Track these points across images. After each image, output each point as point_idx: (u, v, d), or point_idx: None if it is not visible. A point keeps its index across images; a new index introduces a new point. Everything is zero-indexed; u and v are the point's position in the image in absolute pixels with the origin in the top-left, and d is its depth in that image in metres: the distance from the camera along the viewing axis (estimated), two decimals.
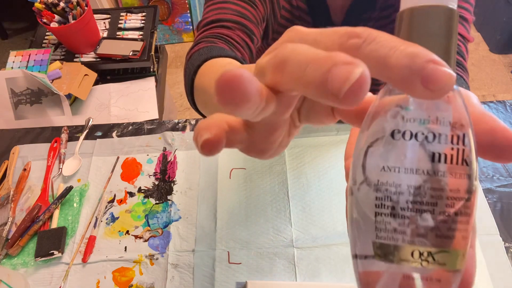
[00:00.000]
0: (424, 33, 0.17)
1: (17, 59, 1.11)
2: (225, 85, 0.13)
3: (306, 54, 0.15)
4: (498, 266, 0.60)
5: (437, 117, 0.16)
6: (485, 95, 1.86)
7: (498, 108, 0.78)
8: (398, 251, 0.16)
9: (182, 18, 2.08)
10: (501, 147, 0.16)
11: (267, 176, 0.71)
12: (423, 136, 0.16)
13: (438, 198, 0.16)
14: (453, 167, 0.16)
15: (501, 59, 2.01)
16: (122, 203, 0.70)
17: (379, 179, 0.16)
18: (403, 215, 0.16)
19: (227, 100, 0.14)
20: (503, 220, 0.64)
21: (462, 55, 0.53)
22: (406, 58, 0.14)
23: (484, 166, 0.70)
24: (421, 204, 0.16)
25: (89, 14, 1.08)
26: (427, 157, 0.16)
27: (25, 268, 0.63)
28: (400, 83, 0.14)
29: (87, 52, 1.15)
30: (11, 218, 0.68)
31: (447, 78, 0.13)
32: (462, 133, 0.16)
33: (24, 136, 0.81)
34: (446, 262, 0.16)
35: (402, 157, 0.16)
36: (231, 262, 0.62)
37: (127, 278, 0.62)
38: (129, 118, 1.05)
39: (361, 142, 0.17)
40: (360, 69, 0.13)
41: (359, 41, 0.15)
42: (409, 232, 0.16)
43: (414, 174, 0.16)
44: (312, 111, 0.21)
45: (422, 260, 0.16)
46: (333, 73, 0.13)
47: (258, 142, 0.20)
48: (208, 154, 0.17)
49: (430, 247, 0.16)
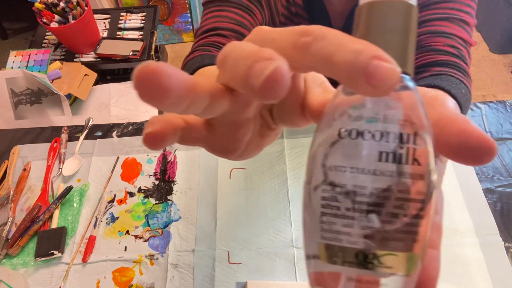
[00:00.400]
0: (381, 29, 0.16)
1: (17, 59, 1.11)
2: (142, 78, 0.13)
3: (240, 51, 0.15)
4: (498, 266, 0.59)
5: (385, 115, 0.15)
6: (485, 95, 1.86)
7: (498, 108, 0.78)
8: (343, 252, 0.15)
9: (182, 18, 2.08)
10: (471, 149, 0.15)
11: (267, 176, 0.71)
12: (370, 134, 0.15)
13: (385, 199, 0.15)
14: (402, 167, 0.15)
15: (501, 59, 2.01)
16: (122, 203, 0.70)
17: (326, 179, 0.16)
18: (348, 215, 0.15)
19: (145, 94, 0.13)
20: (503, 220, 0.64)
21: (464, 60, 0.53)
22: (351, 54, 0.13)
23: (484, 166, 0.70)
24: (367, 205, 0.15)
25: (89, 14, 1.08)
26: (374, 156, 0.15)
27: (25, 268, 0.63)
28: (346, 80, 0.14)
29: (87, 52, 1.15)
30: (11, 218, 0.68)
31: (390, 74, 0.13)
32: (413, 132, 0.15)
33: (24, 136, 0.81)
34: (393, 266, 0.15)
35: (348, 156, 0.15)
36: (231, 262, 0.62)
37: (127, 278, 0.62)
38: (129, 118, 1.05)
39: (313, 141, 0.17)
40: (275, 64, 0.13)
41: (309, 39, 0.15)
42: (354, 233, 0.15)
43: (360, 173, 0.15)
44: (283, 112, 0.21)
45: (367, 262, 0.15)
46: (253, 68, 0.13)
47: (220, 141, 0.20)
48: (151, 147, 0.17)
49: (376, 250, 0.15)
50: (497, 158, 0.71)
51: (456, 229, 0.63)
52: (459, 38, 0.53)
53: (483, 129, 0.76)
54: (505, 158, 0.71)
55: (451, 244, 0.62)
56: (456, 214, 0.65)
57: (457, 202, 0.66)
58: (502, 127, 0.76)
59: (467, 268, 0.60)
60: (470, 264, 0.60)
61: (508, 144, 0.73)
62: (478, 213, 0.64)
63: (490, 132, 0.75)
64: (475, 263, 0.60)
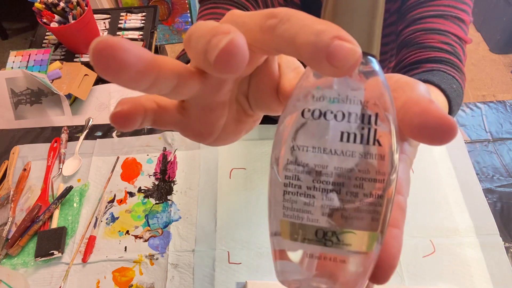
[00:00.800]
0: (347, 10, 0.16)
1: (17, 59, 1.11)
2: (98, 51, 0.13)
3: (201, 29, 0.15)
4: (498, 266, 0.60)
5: (347, 96, 0.16)
6: (485, 95, 1.86)
7: (498, 108, 0.78)
8: (304, 230, 0.16)
9: (182, 18, 2.08)
10: (431, 128, 0.15)
11: (267, 176, 0.71)
12: (332, 115, 0.15)
13: (346, 178, 0.15)
14: (363, 147, 0.15)
15: (501, 59, 2.01)
16: (122, 203, 0.70)
17: (288, 158, 0.16)
18: (309, 194, 0.16)
19: (101, 68, 0.13)
20: (503, 220, 0.64)
21: (458, 57, 0.52)
22: (313, 35, 0.13)
23: (484, 166, 0.70)
24: (327, 184, 0.15)
25: (89, 14, 1.08)
26: (335, 136, 0.15)
27: (25, 268, 0.63)
28: (310, 61, 0.14)
29: (87, 52, 1.15)
30: (11, 218, 0.68)
31: (351, 54, 0.13)
32: (374, 112, 0.16)
33: (24, 136, 0.81)
34: (352, 243, 0.16)
35: (310, 136, 0.16)
36: (231, 262, 0.62)
37: (127, 278, 0.62)
38: None
39: (279, 121, 0.17)
40: (230, 36, 0.13)
41: (275, 21, 0.15)
42: (314, 211, 0.16)
43: (322, 153, 0.16)
44: (259, 97, 0.21)
45: (326, 240, 0.16)
46: (210, 43, 0.14)
47: (194, 125, 0.20)
48: (118, 127, 0.17)
49: (335, 228, 0.16)
50: (497, 158, 0.71)
51: (456, 229, 0.63)
52: (453, 35, 0.53)
53: (483, 129, 0.76)
54: (505, 158, 0.71)
55: (451, 244, 0.62)
56: (456, 214, 0.65)
57: (457, 202, 0.66)
58: (502, 127, 0.76)
59: (467, 268, 0.60)
60: (470, 264, 0.60)
61: (508, 144, 0.73)
62: (478, 213, 0.64)
63: (490, 132, 0.75)
64: (475, 263, 0.60)
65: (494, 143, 0.73)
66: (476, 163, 0.71)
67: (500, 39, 1.97)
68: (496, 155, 0.72)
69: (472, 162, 0.71)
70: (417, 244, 0.62)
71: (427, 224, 0.64)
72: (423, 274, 0.60)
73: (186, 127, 0.20)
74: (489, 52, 2.04)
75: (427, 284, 0.59)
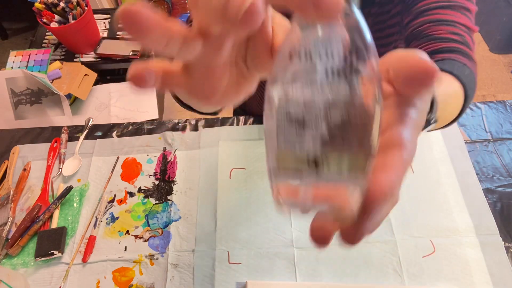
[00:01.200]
0: None
1: (17, 59, 1.11)
2: (126, 17, 0.15)
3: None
4: (498, 266, 0.60)
5: (329, 36, 0.17)
6: (485, 95, 1.86)
7: (498, 108, 0.78)
8: (296, 158, 0.17)
9: (182, 18, 2.08)
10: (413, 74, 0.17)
11: (267, 176, 0.71)
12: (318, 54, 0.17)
13: (333, 110, 0.17)
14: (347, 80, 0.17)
15: (501, 59, 2.01)
16: (122, 203, 0.70)
17: (280, 94, 0.18)
18: (299, 124, 0.17)
19: (129, 29, 0.16)
20: (503, 220, 0.64)
21: (468, 45, 0.52)
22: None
23: (484, 166, 0.70)
24: (316, 116, 0.17)
25: (89, 14, 1.08)
26: (321, 73, 0.17)
27: (25, 268, 0.63)
28: (297, 8, 0.16)
29: (87, 52, 1.15)
30: (11, 218, 0.68)
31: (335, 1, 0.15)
32: (355, 48, 0.17)
33: (24, 136, 0.81)
34: (342, 168, 0.17)
35: (298, 73, 0.18)
36: (231, 262, 0.62)
37: (127, 278, 0.62)
38: (129, 118, 1.05)
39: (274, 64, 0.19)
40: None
41: None
42: (305, 141, 0.17)
43: (309, 87, 0.17)
44: (256, 58, 0.23)
45: (318, 166, 0.17)
46: (230, 2, 0.15)
47: (198, 86, 0.22)
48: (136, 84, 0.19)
49: (326, 155, 0.17)
50: (497, 158, 0.71)
51: (456, 229, 0.63)
52: (461, 25, 0.53)
53: (483, 129, 0.76)
54: (505, 158, 0.71)
55: (451, 244, 0.62)
56: (456, 214, 0.65)
57: (457, 202, 0.66)
58: (502, 127, 0.76)
59: (467, 268, 0.60)
60: (470, 264, 0.60)
61: (508, 144, 0.73)
62: (478, 213, 0.64)
63: (490, 132, 0.75)
64: (475, 263, 0.60)
65: (494, 143, 0.73)
66: (476, 163, 0.71)
67: (500, 39, 1.97)
68: (496, 155, 0.72)
69: (472, 162, 0.71)
70: (417, 244, 0.62)
71: (427, 224, 0.64)
72: (423, 274, 0.60)
73: (191, 88, 0.22)
74: (489, 52, 2.04)
75: (427, 284, 0.59)
